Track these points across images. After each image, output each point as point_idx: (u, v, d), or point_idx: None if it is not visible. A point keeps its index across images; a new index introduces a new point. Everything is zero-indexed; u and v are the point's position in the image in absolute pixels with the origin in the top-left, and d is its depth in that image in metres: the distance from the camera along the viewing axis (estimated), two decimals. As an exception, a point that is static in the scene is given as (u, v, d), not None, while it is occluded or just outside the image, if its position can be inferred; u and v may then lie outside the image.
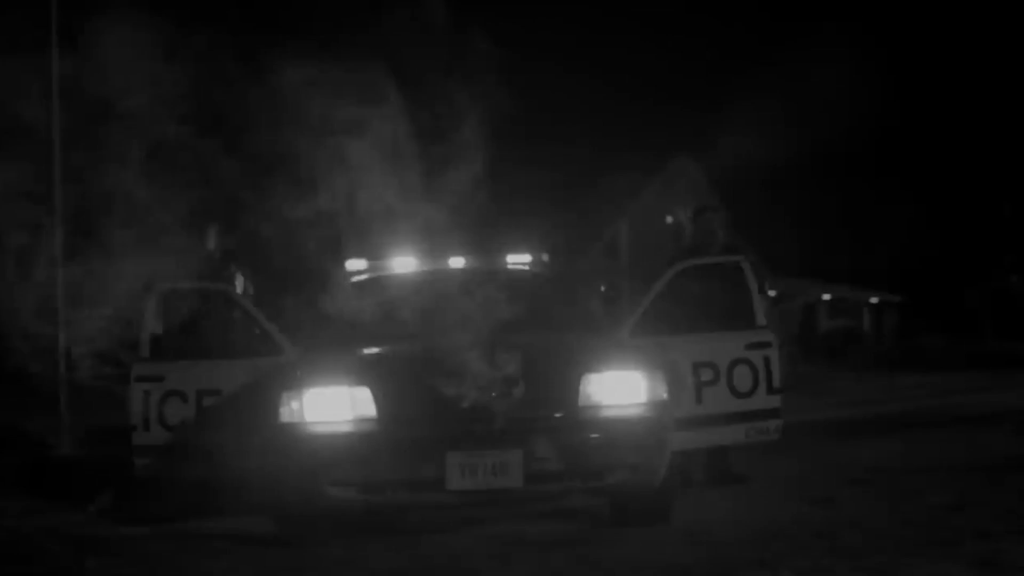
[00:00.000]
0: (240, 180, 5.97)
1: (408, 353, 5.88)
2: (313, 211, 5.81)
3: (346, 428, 5.29)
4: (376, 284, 7.22)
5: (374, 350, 5.91)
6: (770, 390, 6.46)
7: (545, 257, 7.44)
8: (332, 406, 5.35)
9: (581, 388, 5.37)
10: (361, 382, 5.39)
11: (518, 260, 7.41)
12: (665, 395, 5.52)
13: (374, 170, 5.79)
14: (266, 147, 5.92)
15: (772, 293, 7.65)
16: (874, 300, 37.86)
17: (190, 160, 6.04)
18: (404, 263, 7.31)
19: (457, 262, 7.32)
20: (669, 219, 35.53)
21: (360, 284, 7.22)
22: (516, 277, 7.34)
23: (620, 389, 5.41)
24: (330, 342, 6.28)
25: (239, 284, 7.87)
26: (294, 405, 5.38)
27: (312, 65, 5.75)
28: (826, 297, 35.87)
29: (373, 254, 7.21)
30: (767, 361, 6.49)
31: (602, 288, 7.22)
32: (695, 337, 6.58)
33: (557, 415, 5.30)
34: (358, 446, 5.24)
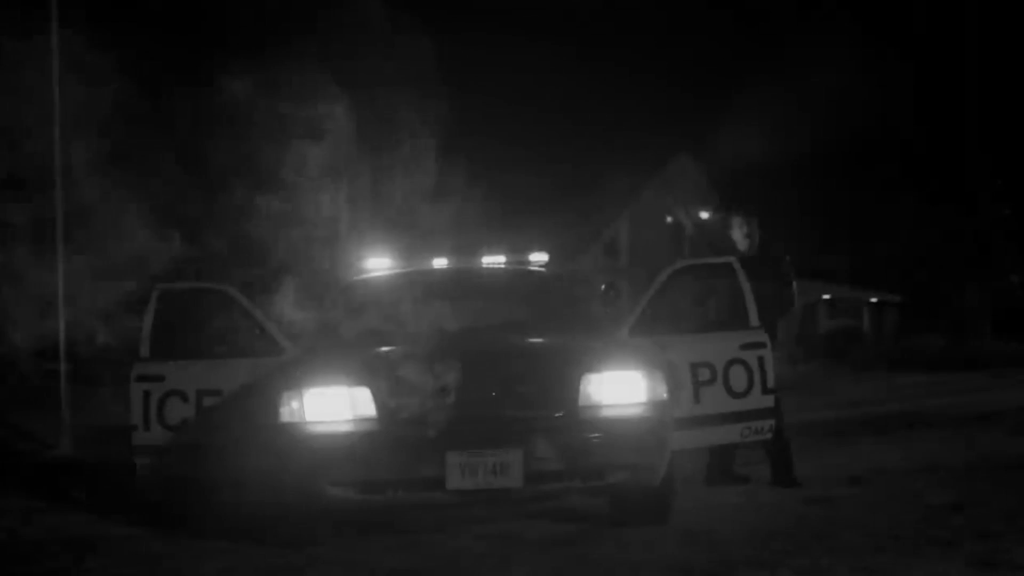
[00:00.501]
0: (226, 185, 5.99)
1: (408, 353, 5.88)
2: (311, 213, 5.82)
3: (346, 428, 5.29)
4: (376, 284, 7.22)
5: (374, 350, 5.91)
6: (764, 390, 6.48)
7: (544, 256, 7.43)
8: (332, 406, 5.34)
9: (581, 388, 5.36)
10: (361, 382, 5.38)
11: (519, 260, 7.41)
12: (665, 395, 5.52)
13: (370, 171, 5.81)
14: (263, 153, 5.95)
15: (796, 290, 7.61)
16: (874, 300, 37.86)
17: (152, 167, 6.08)
18: (406, 263, 7.31)
19: (458, 262, 7.32)
20: (669, 219, 35.56)
21: (360, 283, 7.22)
22: (516, 277, 7.34)
23: (620, 389, 5.41)
24: (330, 342, 6.28)
25: None
26: (294, 405, 5.37)
27: (317, 71, 5.77)
28: (826, 297, 35.85)
29: (377, 255, 7.21)
30: (761, 361, 6.52)
31: (602, 288, 7.18)
32: (692, 337, 6.61)
33: (557, 415, 5.30)
34: (358, 446, 5.24)
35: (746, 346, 6.58)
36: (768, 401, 6.50)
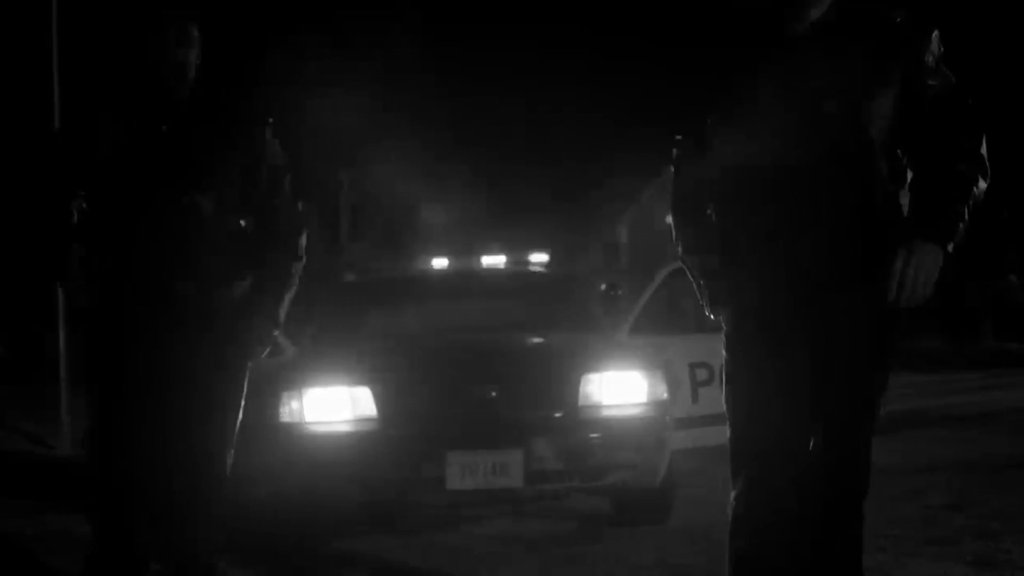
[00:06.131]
0: None
1: (408, 353, 5.88)
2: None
3: (346, 428, 5.29)
4: (376, 283, 7.23)
5: (374, 350, 5.91)
6: None
7: (544, 256, 7.45)
8: (332, 406, 5.34)
9: (581, 388, 5.36)
10: (361, 382, 5.38)
11: (519, 260, 7.42)
12: (665, 395, 5.53)
13: (374, 168, 5.82)
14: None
15: None
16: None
17: None
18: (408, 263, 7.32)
19: (458, 262, 7.33)
20: (668, 219, 35.55)
21: (360, 283, 7.23)
22: (516, 277, 7.35)
23: (620, 389, 5.42)
24: (330, 342, 6.28)
25: None
26: (294, 405, 5.38)
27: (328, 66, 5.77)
28: (826, 297, 35.80)
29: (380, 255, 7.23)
30: None
31: (602, 288, 7.19)
32: (690, 337, 6.63)
33: (557, 415, 5.30)
34: (358, 446, 5.24)
35: None
36: None
